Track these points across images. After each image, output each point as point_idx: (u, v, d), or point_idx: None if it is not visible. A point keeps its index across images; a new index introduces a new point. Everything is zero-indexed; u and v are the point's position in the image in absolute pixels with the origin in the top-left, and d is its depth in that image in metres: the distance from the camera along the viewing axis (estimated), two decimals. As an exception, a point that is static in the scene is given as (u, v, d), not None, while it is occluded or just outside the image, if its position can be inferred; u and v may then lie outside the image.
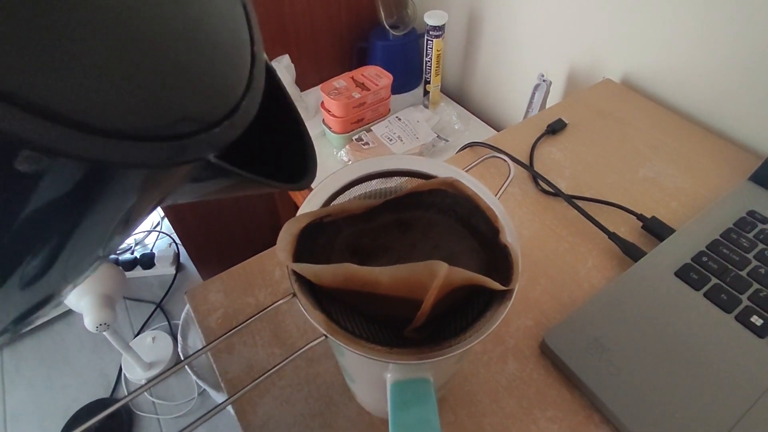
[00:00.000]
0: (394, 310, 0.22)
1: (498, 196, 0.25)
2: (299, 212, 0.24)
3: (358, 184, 0.26)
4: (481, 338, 0.20)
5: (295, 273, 0.22)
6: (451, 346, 0.20)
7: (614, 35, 0.60)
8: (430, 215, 0.26)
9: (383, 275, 0.20)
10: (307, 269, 0.21)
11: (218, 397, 0.98)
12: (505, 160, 0.29)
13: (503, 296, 0.22)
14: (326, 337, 0.20)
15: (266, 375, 0.23)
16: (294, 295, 0.22)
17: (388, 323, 0.23)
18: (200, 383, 0.96)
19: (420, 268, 0.19)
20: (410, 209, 0.26)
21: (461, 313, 0.23)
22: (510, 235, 0.24)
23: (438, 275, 0.19)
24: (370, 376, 0.24)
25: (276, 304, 0.24)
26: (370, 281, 0.20)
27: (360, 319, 0.23)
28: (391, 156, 0.26)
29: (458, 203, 0.25)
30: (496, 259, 0.24)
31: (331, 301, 0.23)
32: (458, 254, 0.25)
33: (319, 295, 0.23)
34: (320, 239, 0.24)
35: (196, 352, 0.27)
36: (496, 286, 0.21)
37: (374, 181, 0.27)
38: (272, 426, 0.32)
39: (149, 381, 0.22)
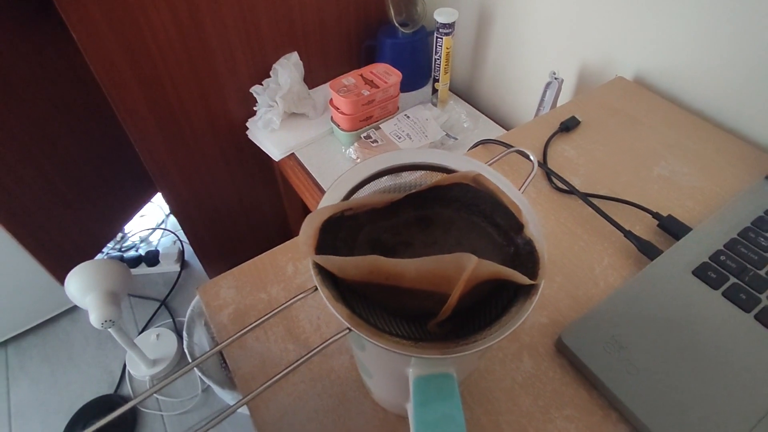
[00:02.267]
0: (417, 303, 0.22)
1: (522, 190, 0.25)
2: (320, 205, 0.24)
3: (378, 177, 0.26)
4: (507, 333, 0.20)
5: (317, 266, 0.22)
6: (477, 341, 0.20)
7: (626, 32, 0.59)
8: (451, 210, 0.26)
9: (409, 267, 0.19)
10: (331, 261, 0.21)
11: (223, 394, 0.98)
12: (527, 155, 0.28)
13: (529, 291, 0.21)
14: (350, 330, 0.20)
15: (281, 375, 0.23)
16: (316, 288, 0.22)
17: (411, 318, 0.23)
18: (204, 380, 0.96)
19: (448, 261, 0.19)
20: (432, 203, 0.26)
21: (485, 308, 0.23)
22: (535, 230, 0.23)
23: (466, 268, 0.19)
24: (391, 371, 0.24)
25: (294, 300, 0.24)
26: (395, 274, 0.20)
27: (382, 313, 0.23)
28: (413, 149, 0.26)
29: (481, 198, 0.25)
30: (520, 254, 0.23)
31: (352, 295, 0.22)
32: (481, 249, 0.24)
33: (340, 288, 0.22)
34: (341, 233, 0.24)
35: (208, 351, 0.27)
36: (524, 279, 0.20)
37: (394, 175, 0.26)
38: (286, 422, 0.32)
39: (156, 379, 0.22)
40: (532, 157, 0.28)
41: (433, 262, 0.19)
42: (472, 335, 0.20)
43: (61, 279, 1.11)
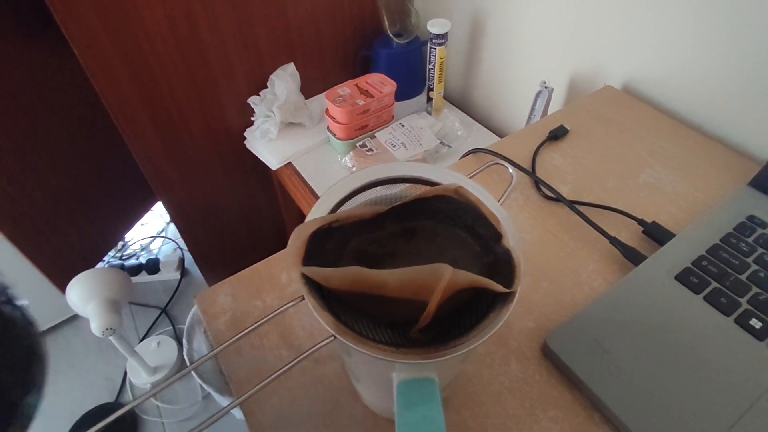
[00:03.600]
0: (400, 311, 0.23)
1: (501, 201, 0.26)
2: (308, 217, 0.25)
3: (365, 190, 0.27)
4: (485, 338, 0.21)
5: (304, 276, 0.23)
6: (456, 346, 0.21)
7: (615, 42, 0.61)
8: (434, 222, 0.27)
9: (391, 277, 0.21)
10: (317, 272, 0.22)
11: (223, 401, 0.99)
12: (507, 167, 0.30)
13: (506, 298, 0.22)
14: (335, 337, 0.21)
15: (273, 377, 0.24)
16: (303, 297, 0.23)
17: (395, 325, 0.24)
18: (205, 387, 0.97)
19: (425, 271, 0.20)
20: (416, 215, 0.27)
21: (465, 314, 0.24)
22: (512, 240, 0.24)
23: (443, 277, 0.20)
24: (377, 376, 0.25)
25: (285, 307, 0.25)
26: (377, 283, 0.21)
27: (367, 321, 0.24)
28: (397, 163, 0.27)
29: (462, 209, 0.26)
30: (499, 263, 0.25)
31: (338, 304, 0.24)
32: (462, 259, 0.25)
33: (327, 298, 0.23)
34: (329, 244, 0.25)
35: (204, 356, 0.28)
36: (499, 288, 0.21)
37: (381, 188, 0.28)
38: (279, 427, 0.33)
39: (155, 386, 0.23)
40: (511, 170, 0.29)
41: (413, 273, 0.20)
42: (451, 341, 0.21)
43: (62, 288, 1.12)
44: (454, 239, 0.26)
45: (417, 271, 0.20)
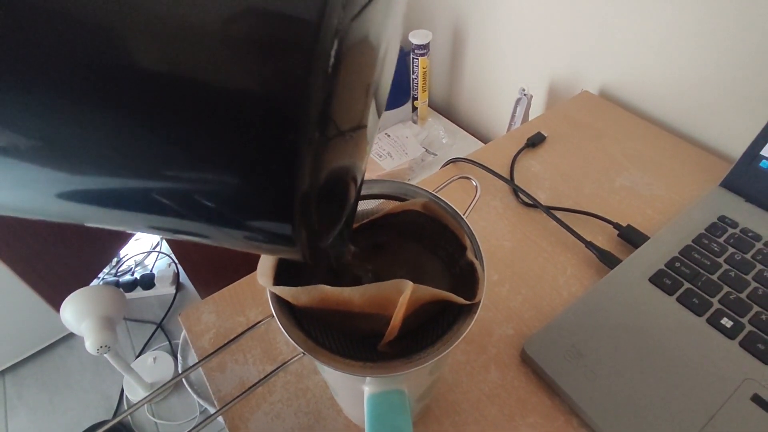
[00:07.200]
0: (369, 326, 0.23)
1: (466, 214, 0.27)
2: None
3: (334, 207, 0.28)
4: (448, 350, 0.22)
5: (274, 295, 0.23)
6: (421, 359, 0.22)
7: (591, 49, 0.62)
8: (403, 236, 0.28)
9: (355, 294, 0.21)
10: (285, 291, 0.23)
11: (219, 417, 0.99)
12: (470, 179, 0.30)
13: (470, 310, 0.23)
14: (304, 354, 0.22)
15: (253, 388, 0.25)
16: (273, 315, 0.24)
17: (365, 339, 0.25)
18: (201, 402, 0.97)
19: (387, 287, 0.21)
20: (386, 230, 0.28)
21: (433, 327, 0.25)
22: (477, 252, 0.25)
23: (404, 292, 0.21)
24: (350, 389, 0.26)
25: (261, 323, 0.26)
26: (343, 300, 0.22)
27: (338, 336, 0.24)
28: (367, 181, 0.28)
29: (429, 223, 0.27)
30: (464, 274, 0.25)
31: (310, 321, 0.24)
32: (430, 273, 0.26)
33: (299, 315, 0.24)
34: (301, 262, 0.26)
35: (188, 368, 0.29)
36: (461, 300, 0.22)
37: (351, 204, 0.28)
38: (264, 441, 0.33)
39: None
40: (474, 182, 0.30)
41: (375, 289, 0.21)
42: (417, 353, 0.22)
43: (56, 306, 1.12)
44: (423, 253, 0.27)
45: (379, 287, 0.21)
